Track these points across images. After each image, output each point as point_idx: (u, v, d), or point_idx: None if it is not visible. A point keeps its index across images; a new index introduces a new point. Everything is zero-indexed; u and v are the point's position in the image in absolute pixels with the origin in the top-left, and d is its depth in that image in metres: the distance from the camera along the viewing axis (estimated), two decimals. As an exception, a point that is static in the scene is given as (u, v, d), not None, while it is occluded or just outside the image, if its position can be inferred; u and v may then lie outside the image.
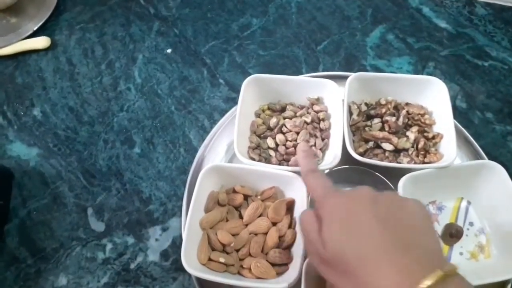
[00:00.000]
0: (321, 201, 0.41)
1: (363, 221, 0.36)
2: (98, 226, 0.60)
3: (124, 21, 0.82)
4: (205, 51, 0.77)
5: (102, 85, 0.73)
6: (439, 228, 0.58)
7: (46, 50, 0.78)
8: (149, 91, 0.72)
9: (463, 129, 0.65)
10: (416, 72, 0.75)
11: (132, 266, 0.57)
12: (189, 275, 0.55)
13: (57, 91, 0.73)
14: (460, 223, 0.58)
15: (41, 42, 0.77)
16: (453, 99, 0.71)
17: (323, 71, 0.74)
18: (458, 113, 0.70)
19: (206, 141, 0.64)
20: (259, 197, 0.57)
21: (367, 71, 0.75)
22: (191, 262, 0.49)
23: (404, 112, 0.61)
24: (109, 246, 0.58)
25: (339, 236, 0.37)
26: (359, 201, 0.38)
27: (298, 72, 0.74)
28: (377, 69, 0.75)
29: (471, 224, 0.58)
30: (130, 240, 0.58)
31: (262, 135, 0.62)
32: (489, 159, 0.62)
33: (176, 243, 0.58)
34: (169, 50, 0.77)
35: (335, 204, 0.39)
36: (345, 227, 0.37)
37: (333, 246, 0.37)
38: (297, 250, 0.50)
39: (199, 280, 0.53)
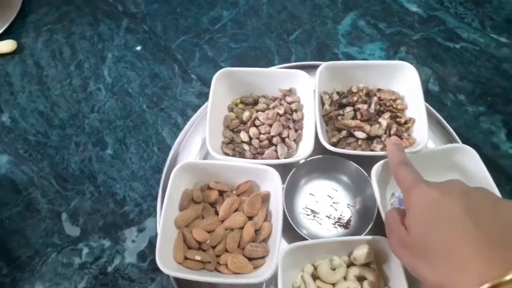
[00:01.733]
0: (409, 191, 0.41)
1: (452, 212, 0.36)
2: (73, 231, 0.59)
3: (92, 20, 0.80)
4: (175, 46, 0.76)
5: (72, 87, 0.72)
6: (415, 213, 0.58)
7: (12, 53, 0.76)
8: (120, 91, 0.71)
9: (435, 112, 0.65)
10: (388, 57, 0.75)
11: (109, 269, 0.56)
12: (168, 275, 0.54)
13: (25, 95, 0.71)
14: (435, 206, 0.59)
15: (7, 45, 0.75)
16: (425, 82, 0.71)
17: (295, 61, 0.74)
18: (430, 96, 0.70)
19: (179, 138, 0.63)
20: (234, 192, 0.56)
21: (339, 59, 0.74)
22: (167, 262, 0.48)
23: (375, 99, 0.61)
24: (85, 250, 0.57)
25: (425, 222, 0.37)
26: (450, 193, 0.38)
27: (270, 64, 0.73)
28: (349, 56, 0.75)
29: (446, 206, 0.59)
30: (106, 243, 0.58)
31: (235, 130, 0.61)
32: (462, 140, 0.63)
33: (153, 244, 0.57)
34: (138, 48, 0.76)
35: (423, 193, 0.39)
36: (433, 214, 0.37)
37: (418, 231, 0.38)
38: (273, 242, 0.50)
39: (177, 279, 0.52)
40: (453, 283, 0.33)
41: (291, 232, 0.54)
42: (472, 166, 0.56)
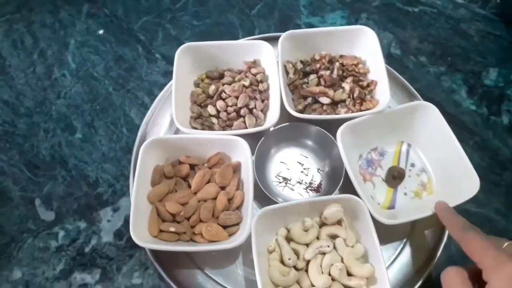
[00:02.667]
0: (493, 268, 0.35)
1: None
2: (47, 215, 0.59)
3: (52, 8, 0.79)
4: (138, 27, 0.75)
5: (36, 75, 0.71)
6: (382, 173, 0.60)
7: (-28, 45, 0.74)
8: (85, 75, 0.70)
9: (398, 75, 0.67)
10: (350, 25, 0.75)
11: (87, 249, 0.56)
12: (145, 250, 0.55)
13: (-12, 86, 0.70)
14: (402, 165, 0.61)
15: (-34, 38, 0.74)
16: (387, 47, 0.73)
17: (259, 34, 0.74)
18: (393, 60, 0.72)
19: (146, 118, 0.63)
20: (205, 164, 0.57)
21: (302, 30, 0.75)
22: (142, 236, 0.49)
23: (337, 64, 0.62)
24: (61, 233, 0.57)
25: None
26: None
27: (234, 39, 0.74)
28: (311, 26, 0.75)
29: (412, 165, 0.61)
30: (82, 224, 0.58)
31: (202, 104, 0.62)
32: (425, 100, 0.64)
33: (129, 222, 0.58)
34: (101, 31, 0.75)
35: None
36: None
37: None
38: (246, 209, 0.51)
39: (154, 254, 0.53)
40: None
41: (266, 201, 0.54)
42: (434, 121, 0.58)
